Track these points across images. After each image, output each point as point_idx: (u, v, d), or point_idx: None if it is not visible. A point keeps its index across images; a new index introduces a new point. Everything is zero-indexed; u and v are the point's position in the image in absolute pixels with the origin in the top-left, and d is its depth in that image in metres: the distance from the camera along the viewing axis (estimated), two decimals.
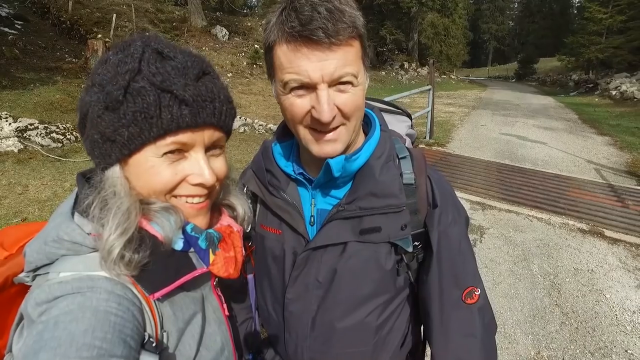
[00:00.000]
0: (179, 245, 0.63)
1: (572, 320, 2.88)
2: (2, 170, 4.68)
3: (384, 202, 0.75)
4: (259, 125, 8.36)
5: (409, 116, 1.02)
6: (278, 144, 0.87)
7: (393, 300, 0.83)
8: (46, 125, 5.78)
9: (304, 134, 0.72)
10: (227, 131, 0.67)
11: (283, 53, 0.66)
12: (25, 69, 7.87)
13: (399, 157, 0.82)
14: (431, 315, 0.81)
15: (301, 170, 0.82)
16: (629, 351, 2.59)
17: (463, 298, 0.79)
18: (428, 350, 0.91)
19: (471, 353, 0.80)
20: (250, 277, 0.93)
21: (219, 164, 0.67)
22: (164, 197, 0.62)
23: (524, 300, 3.11)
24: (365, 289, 0.80)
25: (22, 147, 5.23)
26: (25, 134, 5.46)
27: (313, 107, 0.67)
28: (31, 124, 5.64)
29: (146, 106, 0.55)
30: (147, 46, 0.59)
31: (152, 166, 0.59)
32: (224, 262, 0.68)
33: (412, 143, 1.01)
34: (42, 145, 5.41)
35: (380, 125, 0.83)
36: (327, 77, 0.65)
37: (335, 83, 0.66)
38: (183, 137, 0.59)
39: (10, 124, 5.46)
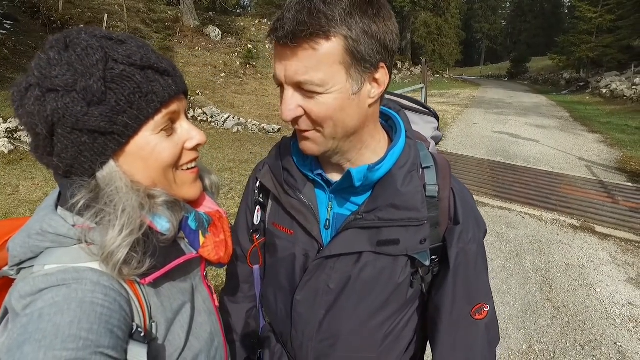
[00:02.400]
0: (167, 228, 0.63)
1: (563, 315, 2.92)
2: None
3: (404, 215, 0.73)
4: (252, 125, 8.35)
5: (436, 116, 0.97)
6: (296, 142, 0.82)
7: (403, 311, 0.83)
8: None
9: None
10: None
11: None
12: (15, 69, 7.77)
13: (423, 166, 0.79)
14: (438, 327, 0.81)
15: (320, 171, 0.80)
16: (618, 343, 2.63)
17: (472, 314, 0.79)
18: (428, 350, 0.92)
19: None
20: (256, 267, 0.93)
21: (194, 126, 0.69)
22: (172, 172, 0.63)
23: (516, 295, 3.14)
24: (376, 300, 0.79)
25: (12, 147, 5.18)
26: (15, 135, 5.41)
27: None
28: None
29: (137, 86, 0.56)
30: (94, 36, 0.57)
31: (155, 144, 0.60)
32: (214, 246, 0.68)
33: (437, 144, 0.98)
34: None
35: (405, 132, 0.80)
36: (289, 80, 0.65)
37: (299, 87, 0.65)
38: (173, 106, 0.61)
39: (0, 124, 5.40)
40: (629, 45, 21.31)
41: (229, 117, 8.42)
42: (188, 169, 0.66)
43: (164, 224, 0.61)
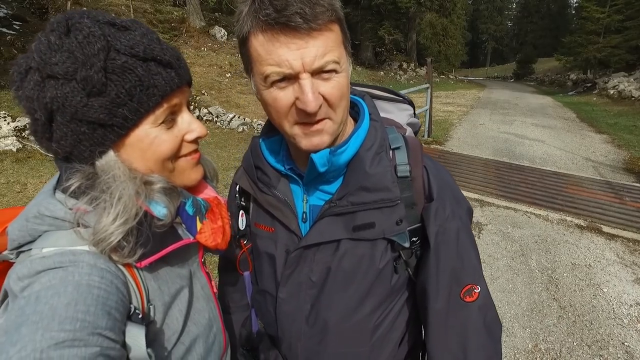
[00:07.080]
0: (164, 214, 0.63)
1: (570, 314, 2.89)
2: (1, 169, 4.68)
3: (376, 196, 0.72)
4: (258, 124, 8.37)
5: (412, 104, 0.97)
6: (266, 140, 0.84)
7: (391, 300, 0.80)
8: None
9: (290, 129, 0.68)
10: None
11: (260, 44, 0.62)
12: None
13: (392, 147, 0.78)
14: (428, 313, 0.78)
15: (291, 166, 0.79)
16: (625, 343, 2.61)
17: (461, 296, 0.76)
18: None
19: (467, 352, 0.76)
20: (246, 274, 0.91)
21: (195, 118, 0.68)
22: (171, 162, 0.63)
23: (521, 294, 3.11)
24: (360, 289, 0.77)
25: (20, 146, 5.23)
26: (23, 133, 5.46)
27: (297, 98, 0.63)
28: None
29: (138, 79, 0.55)
30: (96, 21, 0.56)
31: (155, 137, 0.60)
32: (211, 232, 0.68)
33: (415, 133, 0.96)
34: None
35: (370, 114, 0.78)
36: (309, 66, 0.61)
37: (319, 72, 0.62)
38: (174, 99, 0.61)
39: (8, 123, 5.46)
40: (637, 45, 21.05)
41: (234, 116, 8.45)
42: (189, 154, 0.67)
43: (161, 210, 0.61)
